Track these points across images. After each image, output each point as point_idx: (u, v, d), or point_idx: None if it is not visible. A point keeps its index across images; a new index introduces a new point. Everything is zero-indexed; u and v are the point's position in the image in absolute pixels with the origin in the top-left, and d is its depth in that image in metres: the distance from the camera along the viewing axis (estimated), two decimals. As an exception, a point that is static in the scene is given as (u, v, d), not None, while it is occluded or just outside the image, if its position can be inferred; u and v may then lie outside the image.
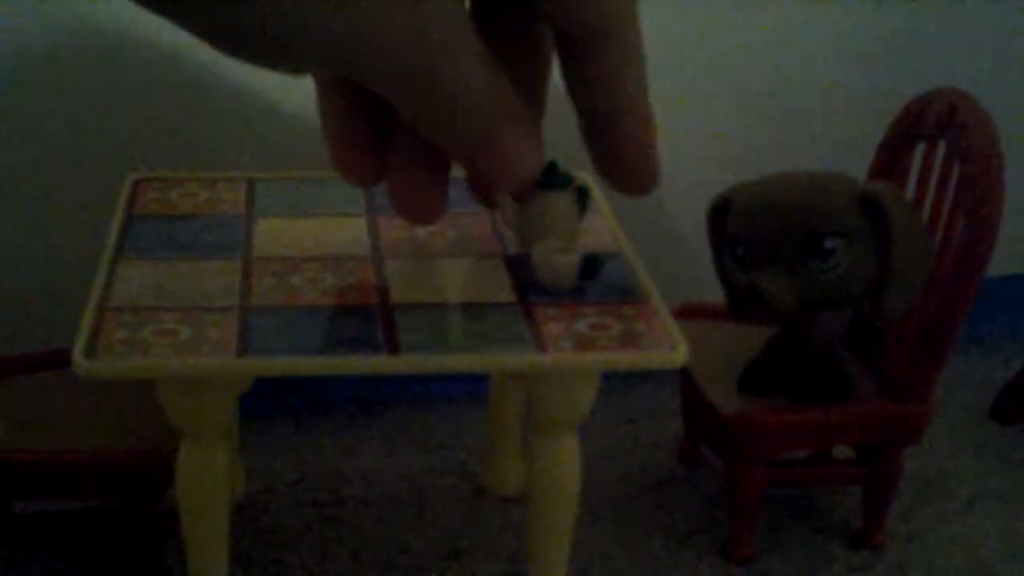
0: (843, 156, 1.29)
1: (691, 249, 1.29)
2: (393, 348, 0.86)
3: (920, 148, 1.25)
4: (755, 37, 1.48)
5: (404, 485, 1.36)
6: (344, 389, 1.51)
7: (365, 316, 0.90)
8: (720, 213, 1.18)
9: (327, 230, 1.04)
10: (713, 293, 1.25)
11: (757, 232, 1.12)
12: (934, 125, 1.20)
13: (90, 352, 0.84)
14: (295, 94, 1.31)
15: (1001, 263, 1.27)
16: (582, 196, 0.90)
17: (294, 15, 0.26)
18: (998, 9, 1.55)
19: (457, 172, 0.34)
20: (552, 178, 0.91)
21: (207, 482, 0.97)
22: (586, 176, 0.98)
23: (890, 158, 1.26)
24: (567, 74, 0.33)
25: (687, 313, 1.32)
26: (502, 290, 0.95)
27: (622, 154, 0.34)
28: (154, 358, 0.84)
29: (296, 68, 0.29)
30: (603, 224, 1.07)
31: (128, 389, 1.11)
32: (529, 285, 0.95)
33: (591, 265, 0.94)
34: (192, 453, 0.96)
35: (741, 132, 1.51)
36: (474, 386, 1.48)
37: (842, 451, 1.32)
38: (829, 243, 1.10)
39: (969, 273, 1.14)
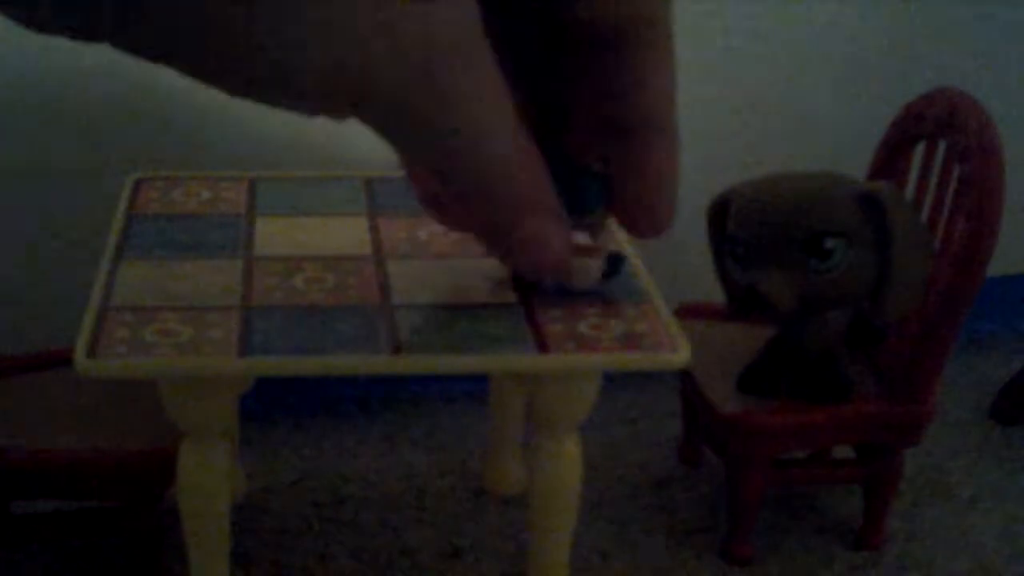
0: (843, 156, 1.29)
1: (691, 249, 1.29)
2: (394, 348, 0.86)
3: (920, 148, 1.25)
4: (754, 37, 1.48)
5: (404, 485, 1.36)
6: (344, 389, 1.51)
7: (366, 316, 0.90)
8: (720, 213, 1.18)
9: (328, 230, 1.04)
10: (713, 293, 1.25)
11: (757, 232, 1.12)
12: (934, 125, 1.20)
13: (91, 352, 0.84)
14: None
15: (1001, 263, 1.27)
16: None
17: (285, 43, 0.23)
18: (998, 9, 1.55)
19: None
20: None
21: (207, 482, 0.97)
22: None
23: (890, 158, 1.26)
24: (586, 83, 0.30)
25: (687, 313, 1.32)
26: (503, 290, 0.95)
27: (638, 182, 0.31)
28: (155, 358, 0.84)
29: (306, 106, 0.26)
30: (603, 224, 1.07)
31: (128, 389, 1.11)
32: (530, 285, 0.95)
33: (615, 263, 0.94)
34: (192, 453, 0.96)
35: (740, 132, 1.51)
36: (474, 386, 1.48)
37: (842, 451, 1.32)
38: (829, 243, 1.10)
39: (969, 273, 1.14)
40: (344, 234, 1.03)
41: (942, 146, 1.21)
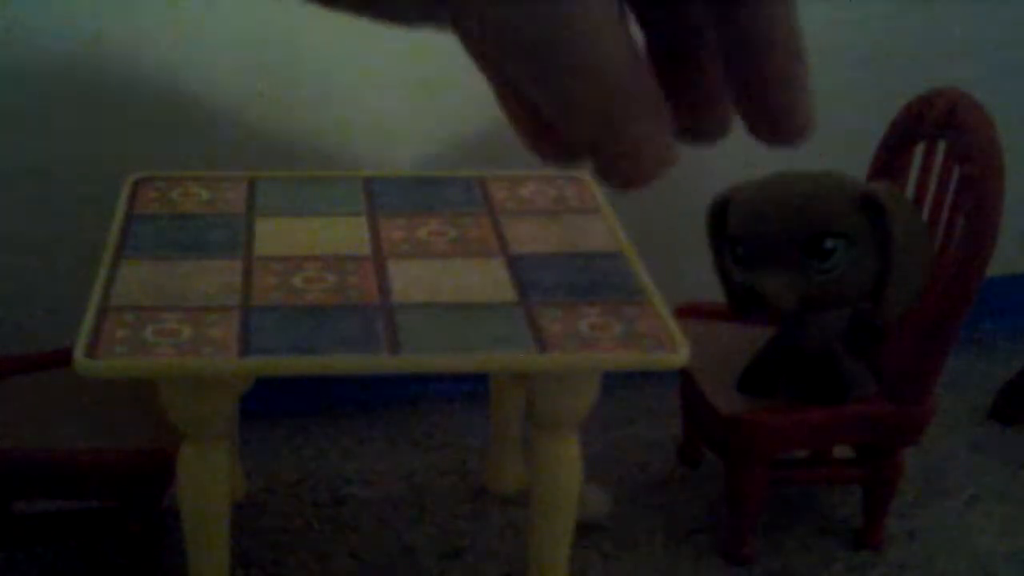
0: (843, 156, 1.28)
1: (691, 249, 1.29)
2: (394, 348, 0.86)
3: (920, 148, 1.25)
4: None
5: (404, 485, 1.36)
6: (344, 389, 1.51)
7: (365, 316, 0.90)
8: (720, 213, 1.18)
9: (328, 230, 1.04)
10: (713, 293, 1.25)
11: (757, 232, 1.12)
12: (934, 125, 1.20)
13: (91, 352, 0.84)
14: (296, 94, 1.30)
15: (1001, 263, 1.27)
16: None
17: None
18: (998, 9, 1.55)
19: (457, 171, 0.32)
20: None
21: (207, 482, 0.97)
22: (586, 174, 0.98)
23: (890, 158, 1.26)
24: (714, 5, 0.30)
25: (687, 313, 1.32)
26: (503, 290, 0.95)
27: (773, 94, 0.30)
28: (155, 358, 0.84)
29: (411, 15, 0.26)
30: (603, 224, 1.07)
31: (128, 389, 1.11)
32: (530, 285, 0.95)
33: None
34: (192, 453, 0.96)
35: (740, 132, 1.51)
36: (474, 386, 1.48)
37: (842, 451, 1.32)
38: (829, 243, 1.10)
39: (969, 273, 1.14)
40: (344, 234, 1.03)
41: (942, 146, 1.21)
